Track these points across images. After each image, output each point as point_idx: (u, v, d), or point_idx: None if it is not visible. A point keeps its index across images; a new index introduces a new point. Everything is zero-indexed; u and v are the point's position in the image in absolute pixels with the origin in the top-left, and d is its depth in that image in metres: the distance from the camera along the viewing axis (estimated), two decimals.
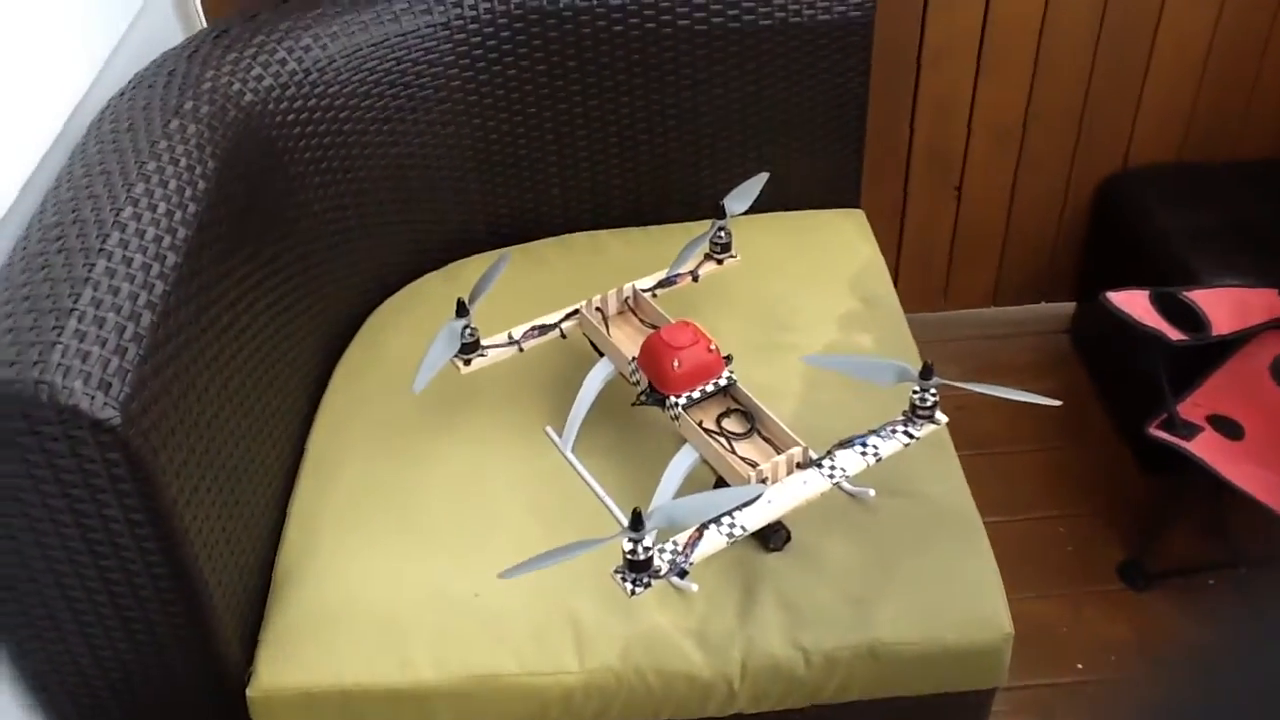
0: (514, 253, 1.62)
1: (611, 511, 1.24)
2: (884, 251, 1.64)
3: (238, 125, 1.25)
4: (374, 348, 1.48)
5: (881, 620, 1.14)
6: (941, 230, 1.97)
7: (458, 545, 1.21)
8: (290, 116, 1.35)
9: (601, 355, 1.35)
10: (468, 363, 1.31)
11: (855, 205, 1.70)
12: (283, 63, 1.35)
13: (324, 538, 1.22)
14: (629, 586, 1.05)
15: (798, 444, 1.17)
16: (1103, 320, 1.99)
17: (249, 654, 1.13)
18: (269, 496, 1.23)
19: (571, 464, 1.30)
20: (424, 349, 1.27)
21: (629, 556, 1.05)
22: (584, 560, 1.17)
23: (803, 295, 1.52)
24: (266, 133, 1.31)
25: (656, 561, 1.07)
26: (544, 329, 1.36)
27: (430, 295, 1.55)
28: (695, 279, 1.44)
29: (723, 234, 1.44)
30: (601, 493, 1.26)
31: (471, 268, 1.58)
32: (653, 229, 1.66)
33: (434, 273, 1.58)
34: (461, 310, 1.29)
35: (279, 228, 1.31)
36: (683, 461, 1.21)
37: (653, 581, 1.06)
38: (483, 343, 1.32)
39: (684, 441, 1.23)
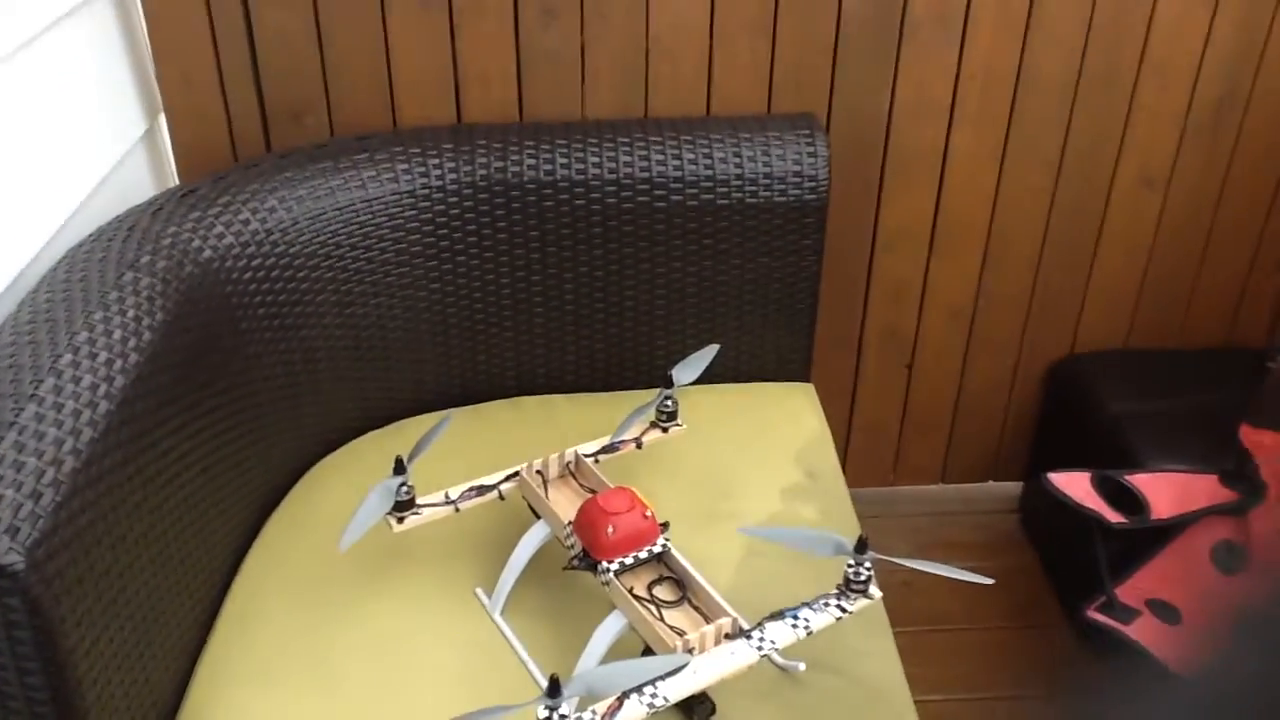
0: (464, 413, 1.64)
1: (533, 676, 1.23)
2: (834, 427, 1.67)
3: (192, 280, 1.29)
4: (308, 504, 1.47)
5: None
6: (892, 407, 2.01)
7: (374, 709, 1.18)
8: (247, 274, 1.38)
9: (539, 518, 1.35)
10: (401, 520, 1.31)
11: (805, 379, 1.74)
12: (245, 222, 1.39)
13: (232, 694, 1.19)
14: None
15: (728, 614, 1.17)
16: (1049, 501, 2.01)
17: None
18: (179, 648, 1.21)
19: (498, 626, 1.29)
20: (358, 507, 1.27)
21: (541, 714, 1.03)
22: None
23: (747, 466, 1.53)
24: (221, 288, 1.34)
25: (587, 717, 1.05)
26: (482, 490, 1.36)
27: (371, 453, 1.55)
28: (639, 446, 1.45)
29: (669, 403, 1.46)
30: (525, 656, 1.24)
31: (416, 427, 1.60)
32: (604, 395, 1.69)
33: (378, 430, 1.60)
34: (399, 468, 1.29)
35: (223, 380, 1.33)
36: (610, 627, 1.20)
37: None
38: (418, 501, 1.32)
39: (614, 607, 1.22)
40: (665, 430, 1.48)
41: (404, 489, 1.30)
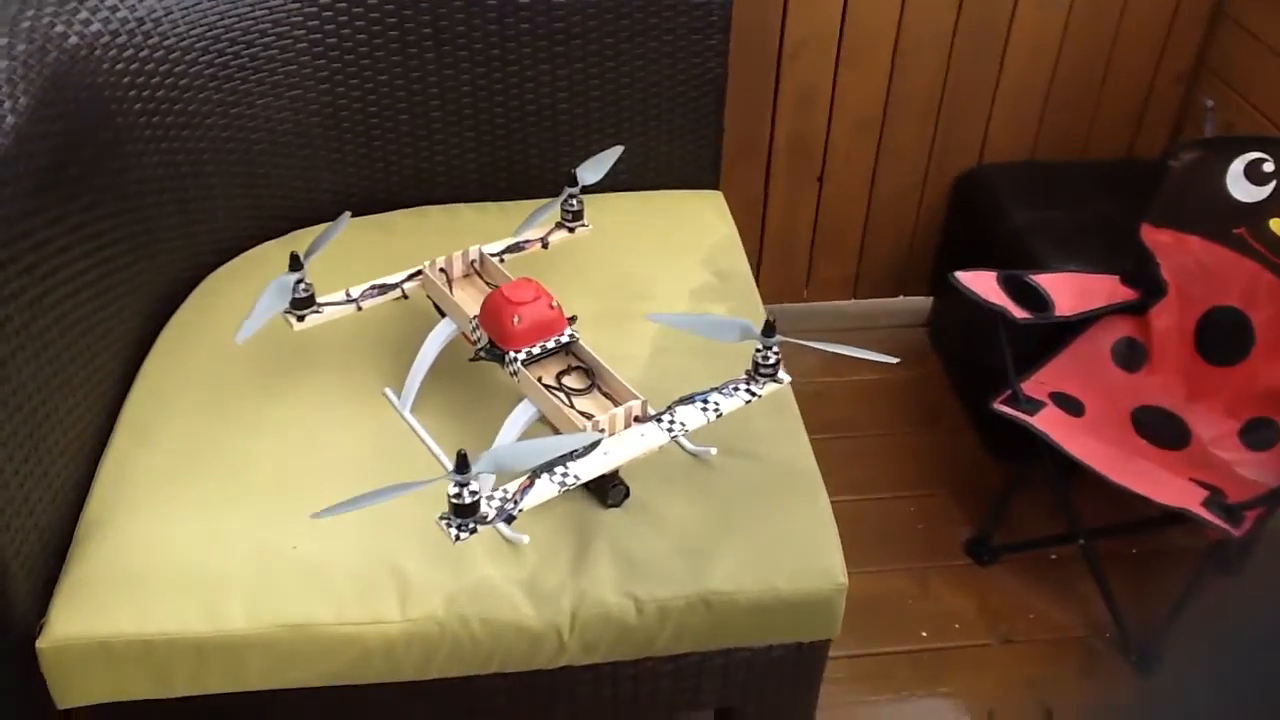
0: (365, 223, 1.59)
1: (440, 461, 1.21)
2: (746, 243, 1.65)
3: (58, 67, 1.20)
4: (205, 311, 1.42)
5: (717, 571, 1.12)
6: (803, 221, 1.99)
7: (281, 502, 1.16)
8: (119, 65, 1.29)
9: (444, 317, 1.32)
10: (301, 319, 1.27)
11: (714, 188, 1.71)
12: (114, 9, 1.30)
13: (136, 493, 1.16)
14: (453, 532, 1.02)
15: (636, 397, 1.16)
16: (956, 313, 2.03)
17: (43, 606, 1.07)
18: (76, 452, 1.17)
19: (408, 422, 1.26)
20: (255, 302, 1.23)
21: (454, 500, 1.02)
22: (410, 513, 1.14)
23: (655, 268, 1.51)
24: (92, 79, 1.26)
25: (484, 508, 1.04)
26: (384, 288, 1.32)
27: (268, 262, 1.50)
28: (545, 245, 1.42)
29: (574, 202, 1.43)
30: (437, 449, 1.23)
31: (312, 236, 1.54)
32: (510, 205, 1.64)
33: (274, 240, 1.54)
34: (295, 264, 1.25)
35: (102, 177, 1.25)
36: (521, 416, 1.18)
37: (479, 528, 1.03)
38: (318, 300, 1.28)
39: (523, 398, 1.20)
40: (572, 230, 1.44)
41: (302, 286, 1.26)
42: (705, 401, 1.18)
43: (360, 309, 1.30)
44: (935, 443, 1.90)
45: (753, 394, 1.20)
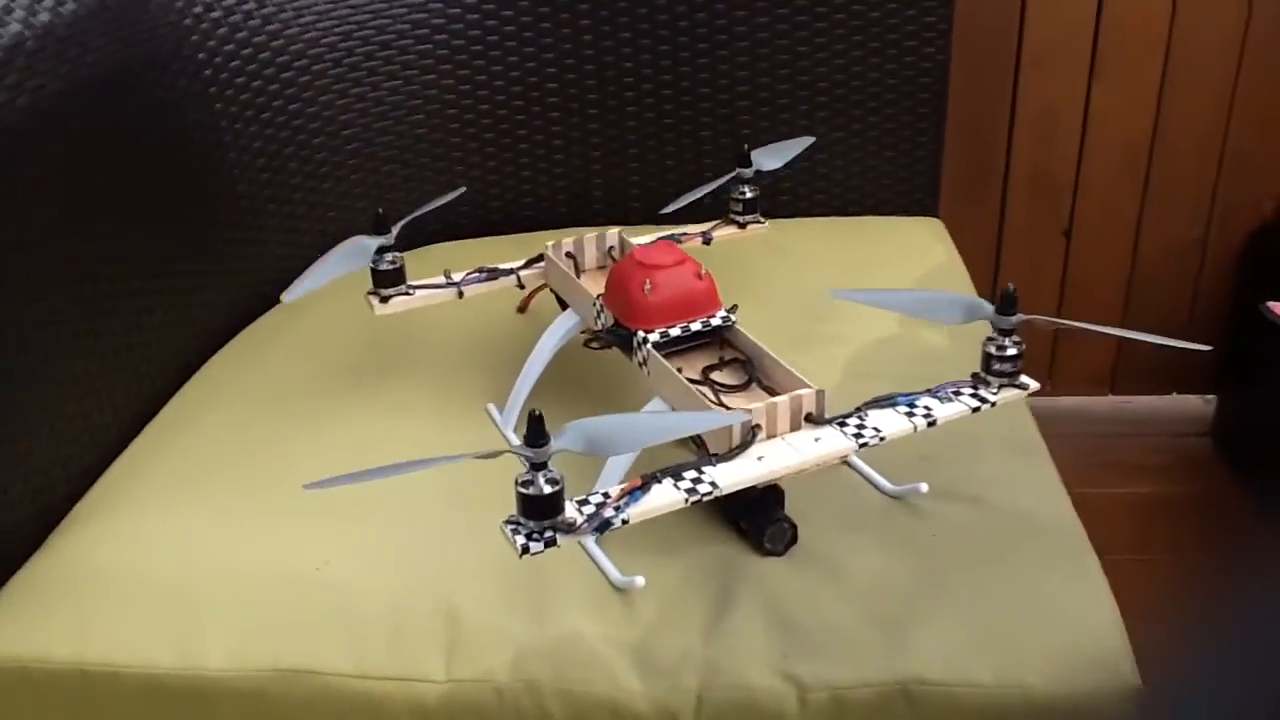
0: (501, 241, 1.32)
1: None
2: None
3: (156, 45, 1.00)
4: (294, 312, 1.17)
5: (925, 651, 0.73)
6: (1044, 286, 1.61)
7: (316, 518, 0.85)
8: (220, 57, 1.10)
9: (565, 309, 1.01)
10: (385, 300, 0.99)
11: (932, 214, 1.37)
12: None
13: (131, 494, 0.88)
14: (519, 540, 0.68)
15: (809, 386, 0.80)
16: (1259, 411, 1.57)
17: None
18: (88, 448, 0.91)
19: (508, 442, 0.95)
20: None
21: (522, 489, 0.68)
22: (482, 541, 0.81)
23: (849, 287, 1.17)
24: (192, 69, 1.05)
25: (570, 512, 0.70)
26: (496, 274, 1.03)
27: None
28: (707, 241, 1.11)
29: (744, 190, 1.12)
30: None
31: (437, 254, 1.29)
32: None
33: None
34: (380, 226, 0.97)
35: (187, 161, 1.04)
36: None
37: (560, 538, 0.69)
38: (409, 282, 1.00)
39: (653, 396, 0.87)
40: (742, 226, 1.13)
41: (388, 258, 0.99)
42: (911, 405, 0.82)
43: (461, 294, 1.01)
44: (1226, 577, 1.43)
45: (982, 400, 0.82)
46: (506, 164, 1.32)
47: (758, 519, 0.82)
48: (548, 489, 0.68)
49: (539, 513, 0.69)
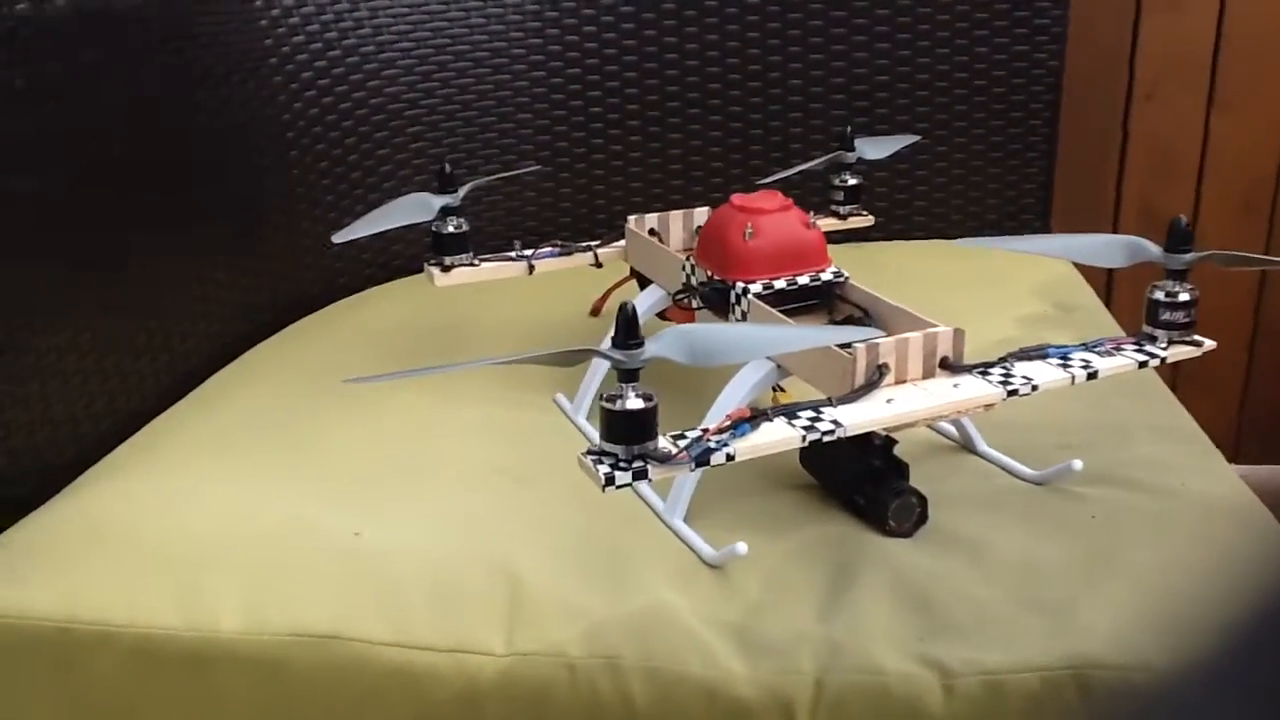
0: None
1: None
2: None
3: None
4: (359, 303, 1.07)
5: (1099, 631, 0.59)
6: None
7: (359, 485, 0.73)
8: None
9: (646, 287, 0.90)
10: (447, 270, 0.88)
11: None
12: None
13: (148, 456, 0.76)
14: (602, 470, 0.56)
15: (944, 327, 0.68)
16: None
17: None
18: (104, 417, 0.81)
19: (579, 429, 0.82)
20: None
21: (607, 405, 0.56)
22: (549, 508, 0.69)
23: (965, 299, 1.04)
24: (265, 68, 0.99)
25: (665, 444, 0.58)
26: (571, 249, 0.93)
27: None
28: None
29: (847, 177, 1.01)
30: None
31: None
32: None
33: None
34: (447, 184, 0.88)
35: (252, 159, 0.96)
36: (750, 376, 0.72)
37: (653, 470, 0.56)
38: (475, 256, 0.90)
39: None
40: (844, 217, 1.02)
41: (453, 222, 0.89)
42: (1065, 358, 0.69)
43: (532, 269, 0.91)
44: None
45: (1149, 355, 0.69)
46: (583, 170, 1.23)
47: (879, 492, 0.69)
48: (639, 404, 0.56)
49: (628, 434, 0.56)
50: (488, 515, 0.70)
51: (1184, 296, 0.70)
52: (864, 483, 0.70)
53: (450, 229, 0.88)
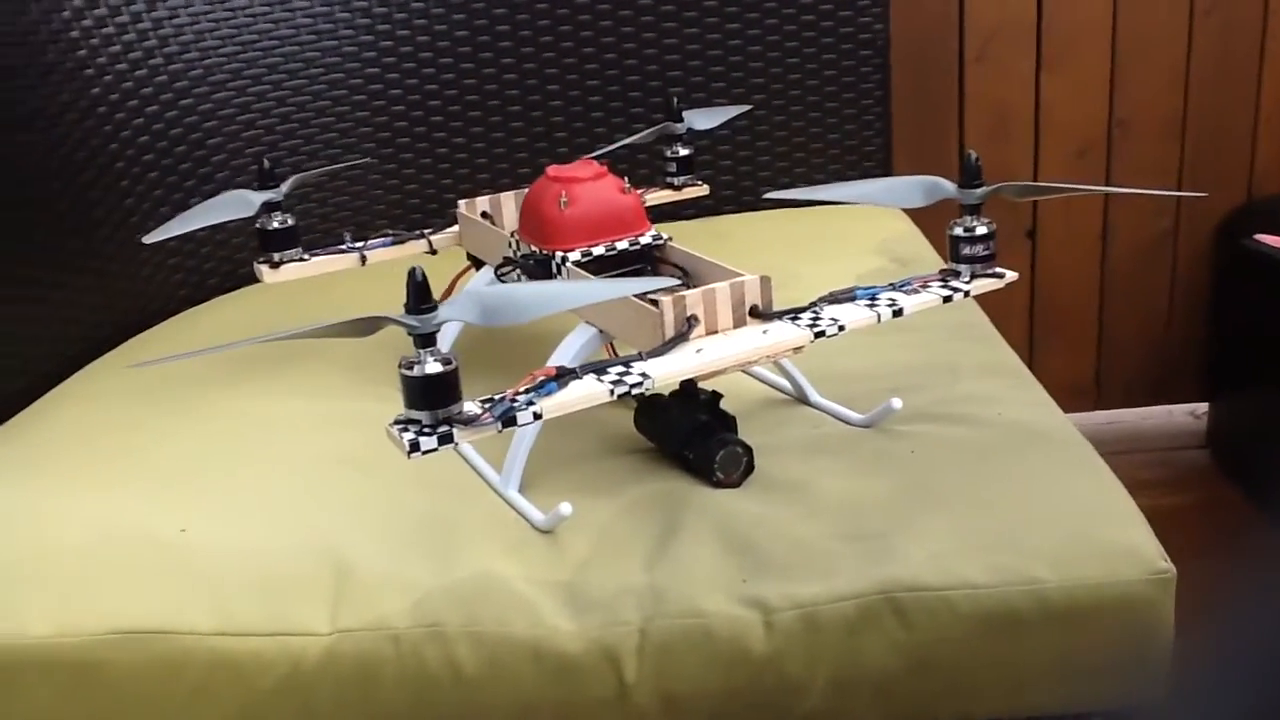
0: None
1: (482, 475, 0.75)
2: None
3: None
4: (176, 325, 1.05)
5: (911, 556, 0.60)
6: (1013, 294, 1.51)
7: (187, 486, 0.72)
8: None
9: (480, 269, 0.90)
10: (276, 266, 0.87)
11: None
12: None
13: None
14: (406, 438, 0.56)
15: (750, 276, 0.69)
16: (1262, 411, 1.46)
17: None
18: None
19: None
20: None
21: (406, 372, 0.56)
22: (377, 501, 0.69)
23: (807, 260, 1.06)
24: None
25: (470, 407, 0.58)
26: (403, 237, 0.92)
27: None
28: None
29: (678, 149, 1.02)
30: (471, 453, 0.77)
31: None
32: None
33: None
34: (267, 179, 0.87)
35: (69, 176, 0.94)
36: (574, 342, 0.73)
37: (458, 433, 0.56)
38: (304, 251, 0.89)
39: (579, 322, 0.75)
40: (678, 188, 1.03)
41: (278, 217, 0.88)
42: (873, 298, 0.71)
43: (365, 260, 0.90)
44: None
45: (953, 289, 0.71)
46: (413, 160, 1.22)
47: (706, 445, 0.70)
48: (438, 367, 0.56)
49: (429, 399, 0.56)
50: (320, 504, 0.69)
51: (981, 230, 0.72)
52: (692, 437, 0.71)
53: (275, 224, 0.87)
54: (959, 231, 0.72)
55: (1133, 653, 0.59)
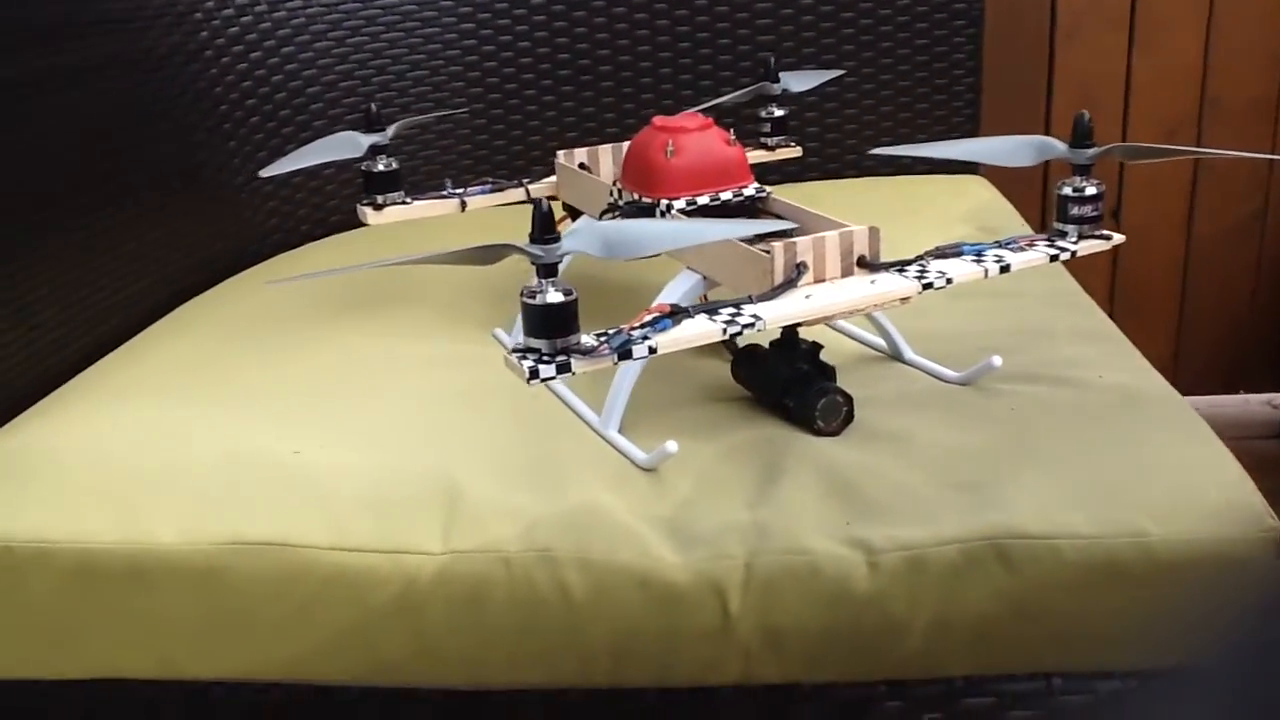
0: None
1: (576, 410, 0.76)
2: None
3: None
4: (275, 266, 1.07)
5: (1017, 505, 0.61)
6: (1093, 275, 1.50)
7: (299, 413, 0.74)
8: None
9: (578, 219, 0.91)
10: (379, 208, 0.89)
11: (972, 171, 1.28)
12: None
13: (80, 396, 0.77)
14: (527, 365, 0.57)
15: (859, 226, 0.70)
16: None
17: None
18: (31, 364, 0.81)
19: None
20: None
21: (528, 300, 0.57)
22: (489, 429, 0.70)
23: (894, 227, 1.06)
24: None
25: (586, 339, 0.59)
26: (502, 186, 0.94)
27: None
28: None
29: (773, 109, 1.03)
30: (566, 393, 0.78)
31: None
32: None
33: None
34: (374, 122, 0.89)
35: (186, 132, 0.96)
36: (678, 287, 0.74)
37: (576, 362, 0.58)
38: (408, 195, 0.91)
39: (683, 268, 0.76)
40: (771, 149, 1.03)
41: (383, 160, 0.89)
42: (979, 254, 0.71)
43: (465, 206, 0.92)
44: None
45: (1060, 249, 0.71)
46: (515, 109, 1.23)
47: (807, 393, 0.71)
48: (559, 297, 0.57)
49: (549, 328, 0.58)
50: (427, 433, 0.71)
51: (1091, 190, 0.72)
52: (792, 385, 0.72)
53: (380, 167, 0.89)
54: (1068, 191, 0.72)
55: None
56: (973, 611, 0.59)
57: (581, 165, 0.93)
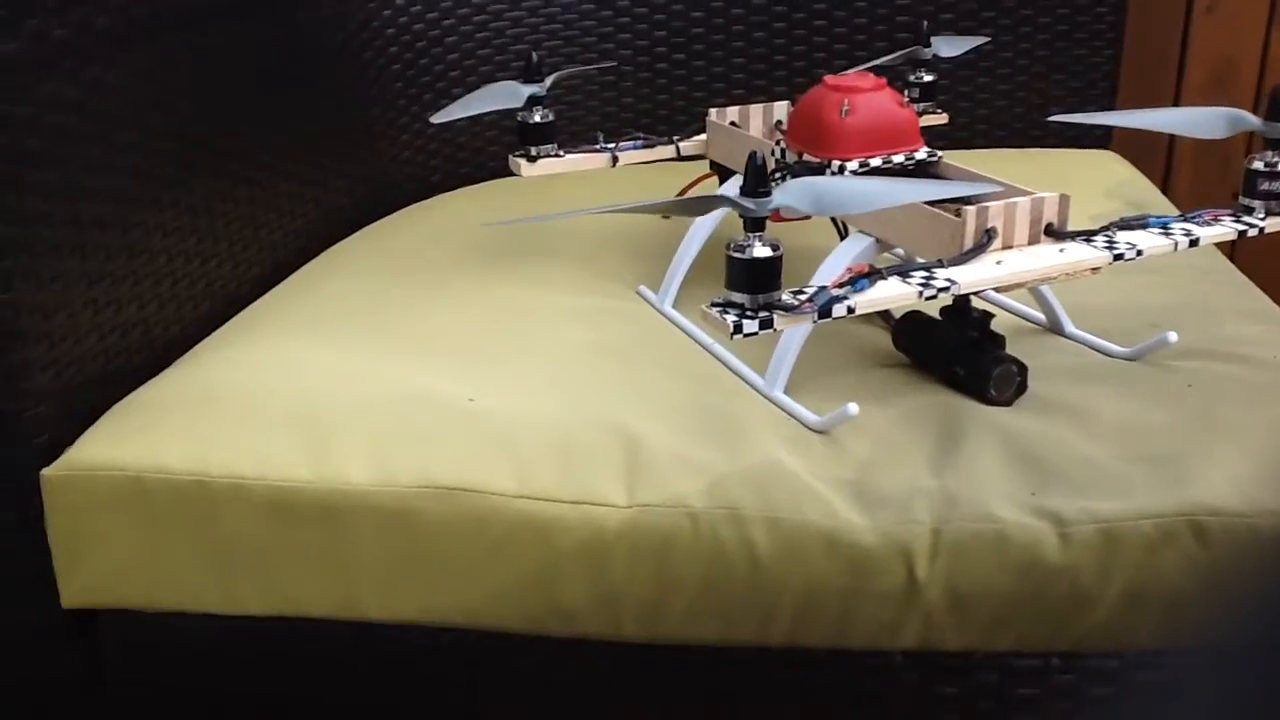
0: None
1: (724, 360, 0.76)
2: None
3: None
4: (424, 208, 1.08)
5: (1212, 481, 0.60)
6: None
7: (458, 357, 0.74)
8: None
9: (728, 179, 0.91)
10: (533, 160, 0.89)
11: (1104, 147, 1.25)
12: None
13: (252, 332, 0.78)
14: (729, 319, 0.57)
15: (1050, 194, 0.69)
16: None
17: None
18: (204, 298, 0.82)
19: (666, 316, 0.83)
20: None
21: (735, 254, 0.57)
22: (664, 385, 0.70)
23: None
24: None
25: (787, 297, 0.59)
26: (653, 141, 0.93)
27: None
28: None
29: (922, 74, 1.01)
30: (702, 336, 0.78)
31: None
32: None
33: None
34: (533, 73, 0.88)
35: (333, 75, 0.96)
36: (850, 250, 0.73)
37: (779, 318, 0.57)
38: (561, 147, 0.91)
39: (853, 231, 0.76)
40: (919, 114, 1.02)
41: (539, 111, 0.89)
42: (1165, 227, 0.70)
43: (616, 161, 0.91)
44: None
45: (1248, 224, 0.70)
46: (663, 69, 1.22)
47: (980, 361, 0.70)
48: (766, 251, 0.57)
49: (754, 283, 0.57)
50: (594, 384, 0.71)
51: None
52: (963, 353, 0.71)
53: (536, 118, 0.89)
54: (1259, 165, 0.70)
55: None
56: (1165, 585, 0.59)
57: (731, 124, 0.93)
